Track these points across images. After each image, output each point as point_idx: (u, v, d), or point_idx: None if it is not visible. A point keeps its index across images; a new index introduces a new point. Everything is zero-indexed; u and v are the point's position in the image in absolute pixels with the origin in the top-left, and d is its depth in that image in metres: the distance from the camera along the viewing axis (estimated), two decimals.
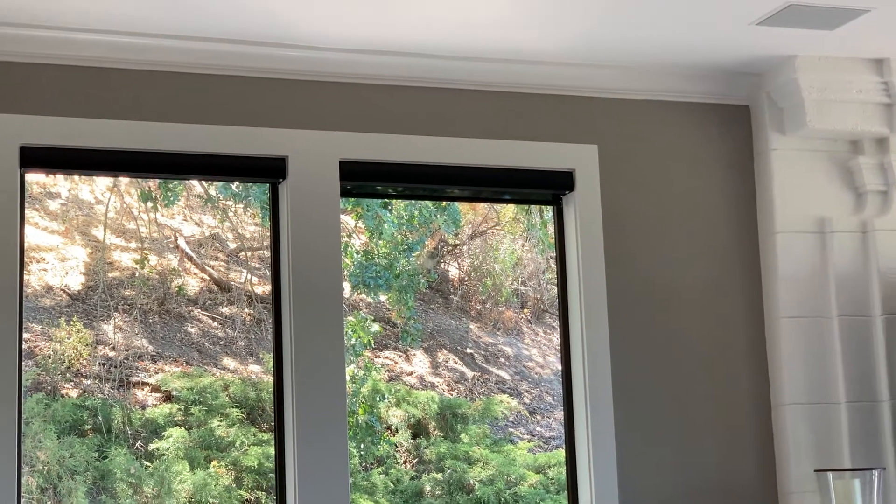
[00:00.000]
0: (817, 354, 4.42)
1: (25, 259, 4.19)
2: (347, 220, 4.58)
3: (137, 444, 4.41)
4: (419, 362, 4.62)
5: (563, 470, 4.47)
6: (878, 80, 4.44)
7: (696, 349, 4.45)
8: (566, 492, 4.38)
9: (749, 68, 4.46)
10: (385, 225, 4.69)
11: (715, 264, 4.51)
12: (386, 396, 4.57)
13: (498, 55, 4.25)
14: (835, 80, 4.41)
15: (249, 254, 4.66)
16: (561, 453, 4.49)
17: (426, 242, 4.74)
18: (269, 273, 4.24)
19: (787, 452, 4.38)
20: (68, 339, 5.16)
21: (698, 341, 4.45)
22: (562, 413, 4.49)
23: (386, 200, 4.61)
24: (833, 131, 4.48)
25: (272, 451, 4.16)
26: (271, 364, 4.21)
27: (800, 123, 4.43)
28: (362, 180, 4.30)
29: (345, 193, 4.22)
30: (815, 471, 4.26)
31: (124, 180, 5.29)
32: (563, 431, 4.51)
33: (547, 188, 4.47)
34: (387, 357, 4.62)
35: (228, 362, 4.51)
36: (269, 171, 4.14)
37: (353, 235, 4.64)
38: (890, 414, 4.38)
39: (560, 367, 4.50)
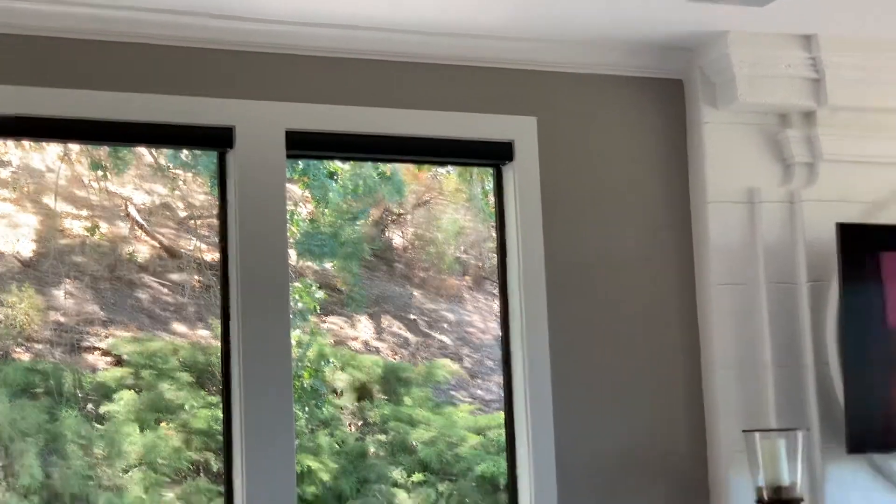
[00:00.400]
0: (746, 320, 4.44)
1: None
2: (294, 190, 4.52)
3: (88, 407, 4.33)
4: (364, 328, 4.59)
5: (503, 432, 4.45)
6: (807, 56, 4.45)
7: (631, 315, 4.46)
8: (505, 453, 4.39)
9: (683, 43, 4.45)
10: (331, 194, 4.63)
11: (649, 233, 4.52)
12: (331, 361, 4.54)
13: (440, 29, 4.21)
14: (765, 56, 4.42)
15: (198, 222, 4.57)
16: (500, 416, 4.46)
17: (371, 212, 4.67)
18: (217, 240, 4.14)
19: (717, 413, 4.41)
20: (20, 304, 5.05)
21: (633, 307, 4.47)
22: (501, 377, 4.48)
23: (332, 171, 4.54)
24: (763, 105, 4.48)
25: (220, 413, 4.10)
26: (219, 329, 4.16)
27: (731, 97, 4.43)
28: (309, 149, 4.27)
29: (292, 156, 4.20)
30: (742, 431, 4.27)
31: (75, 149, 5.18)
32: (502, 394, 4.48)
33: (487, 158, 4.44)
34: (332, 322, 4.58)
35: (178, 327, 4.44)
36: (216, 139, 4.07)
37: (300, 204, 4.58)
38: (814, 377, 4.42)
39: (500, 333, 4.48)
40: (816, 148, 4.51)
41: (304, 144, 4.18)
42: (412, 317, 4.69)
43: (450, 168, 4.67)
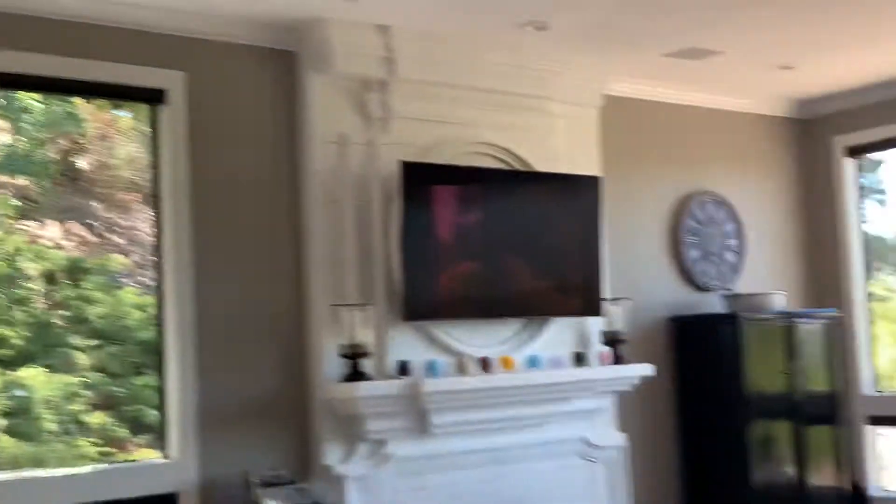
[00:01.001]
0: (337, 227, 4.84)
1: None
2: None
3: None
4: (53, 230, 4.84)
5: (157, 308, 4.72)
6: (384, 40, 4.91)
7: (257, 221, 4.81)
8: (159, 324, 4.70)
9: (297, 24, 4.79)
10: (27, 126, 4.88)
11: (271, 164, 4.87)
12: (26, 254, 4.62)
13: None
14: (355, 39, 4.82)
15: None
16: (156, 297, 4.67)
17: (60, 140, 4.98)
18: None
19: (315, 291, 4.81)
20: None
21: (257, 216, 4.81)
22: (157, 268, 4.74)
23: (26, 106, 4.87)
24: (353, 74, 4.91)
25: None
26: None
27: (331, 67, 4.82)
28: (2, 87, 4.48)
29: None
30: (331, 305, 4.74)
31: None
32: (157, 280, 4.74)
33: (148, 101, 4.69)
34: (27, 226, 4.81)
35: None
36: None
37: (1, 133, 4.77)
38: (382, 269, 4.92)
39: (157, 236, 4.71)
40: (389, 107, 5.00)
41: (4, 84, 4.37)
42: (93, 223, 5.01)
43: (124, 111, 5.09)
